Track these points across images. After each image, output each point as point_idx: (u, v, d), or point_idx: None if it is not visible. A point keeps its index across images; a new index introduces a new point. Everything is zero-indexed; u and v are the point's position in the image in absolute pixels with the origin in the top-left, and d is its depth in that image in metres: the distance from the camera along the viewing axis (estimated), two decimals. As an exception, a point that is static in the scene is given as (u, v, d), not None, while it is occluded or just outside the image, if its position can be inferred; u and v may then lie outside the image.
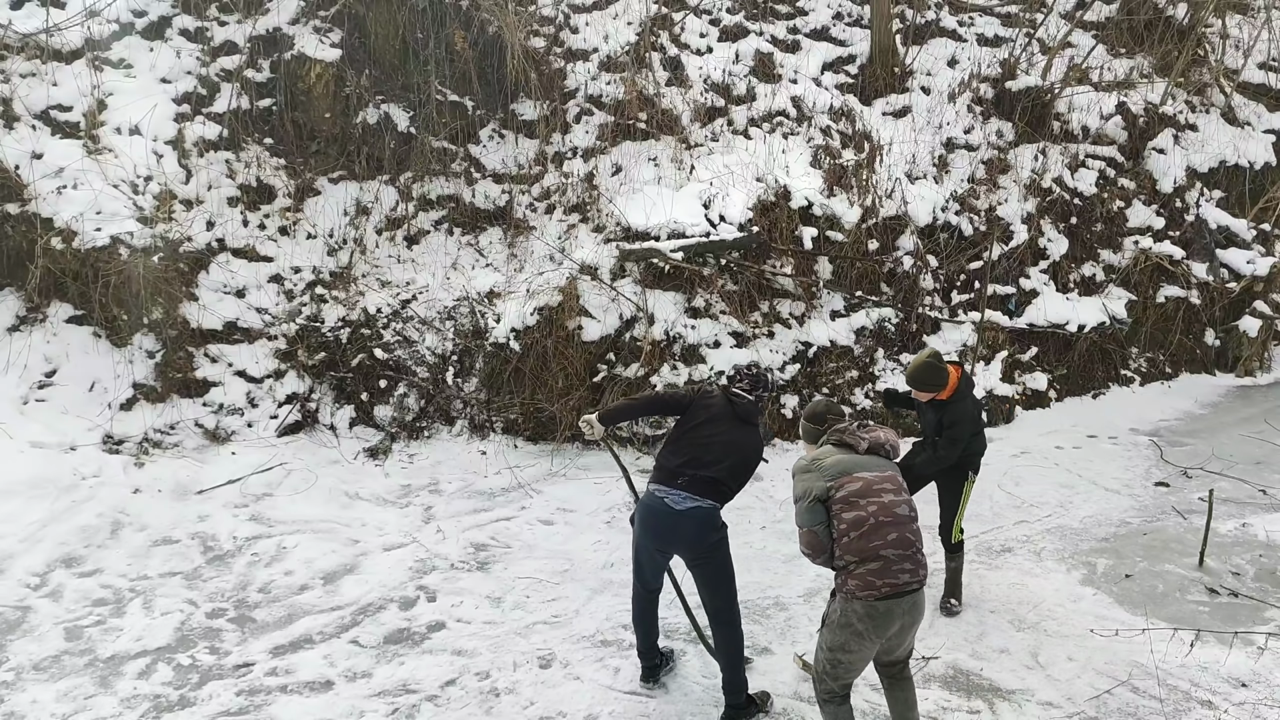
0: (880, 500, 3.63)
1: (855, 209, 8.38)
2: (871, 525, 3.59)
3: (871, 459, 3.76)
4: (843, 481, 3.66)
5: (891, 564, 3.57)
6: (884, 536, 3.58)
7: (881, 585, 3.54)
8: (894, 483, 3.72)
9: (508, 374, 7.55)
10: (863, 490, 3.63)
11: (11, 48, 7.61)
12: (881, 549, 3.57)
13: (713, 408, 4.36)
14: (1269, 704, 4.40)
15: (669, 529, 4.13)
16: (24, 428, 6.38)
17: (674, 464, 4.18)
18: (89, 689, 4.38)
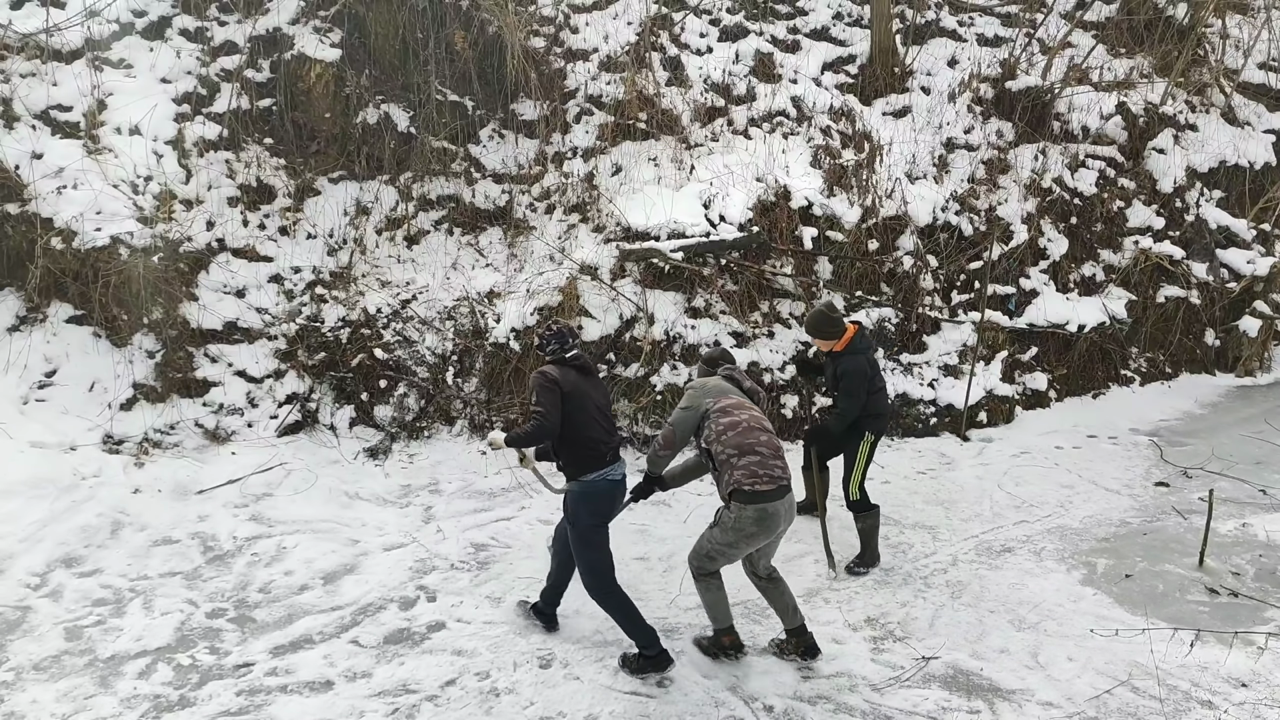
0: (752, 412, 4.49)
1: (855, 209, 8.38)
2: (745, 426, 4.40)
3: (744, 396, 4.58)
4: (720, 398, 4.49)
5: (767, 459, 4.35)
6: (756, 437, 4.39)
7: (763, 475, 4.31)
8: (761, 413, 4.54)
9: (508, 374, 7.55)
10: (736, 404, 4.48)
11: (11, 48, 7.61)
12: (756, 446, 4.36)
13: (576, 384, 4.55)
14: (1269, 704, 4.40)
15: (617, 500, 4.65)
16: (24, 428, 6.37)
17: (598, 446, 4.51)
18: (89, 689, 4.38)
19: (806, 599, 5.37)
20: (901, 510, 6.68)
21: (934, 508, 6.75)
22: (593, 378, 4.70)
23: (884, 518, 6.52)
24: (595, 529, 4.55)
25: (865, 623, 5.12)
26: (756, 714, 4.29)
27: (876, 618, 5.18)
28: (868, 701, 4.40)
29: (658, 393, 7.38)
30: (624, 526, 6.26)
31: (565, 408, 4.44)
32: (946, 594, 5.46)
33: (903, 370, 8.31)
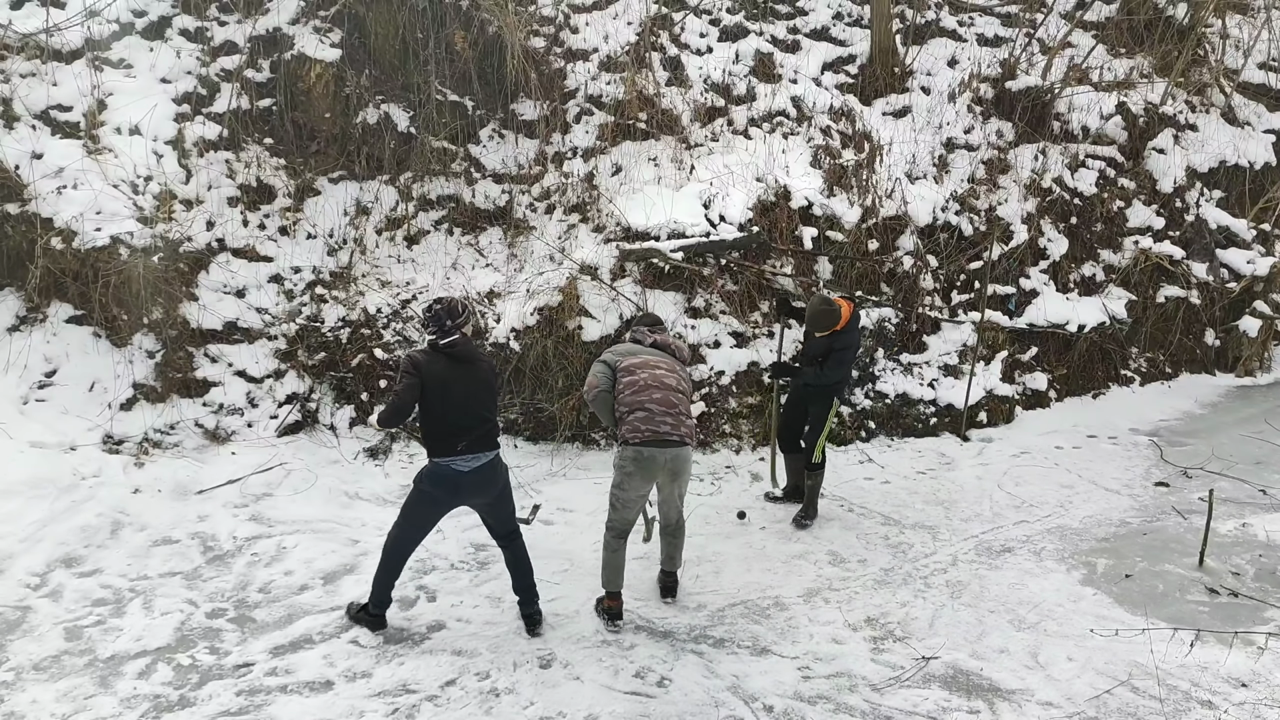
0: (652, 371, 4.90)
1: (855, 209, 8.38)
2: (641, 385, 4.85)
3: (654, 352, 5.05)
4: (627, 359, 4.98)
5: (654, 415, 4.78)
6: (649, 395, 4.83)
7: (645, 430, 4.76)
8: (668, 365, 4.98)
9: (508, 374, 7.55)
10: (639, 365, 4.93)
11: (11, 48, 7.61)
12: (646, 403, 4.81)
13: (441, 373, 4.61)
14: (1269, 704, 4.40)
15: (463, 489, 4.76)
16: (24, 428, 6.37)
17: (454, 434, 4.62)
18: (89, 689, 4.38)
19: (806, 599, 5.38)
20: (901, 510, 6.68)
21: (934, 508, 6.75)
22: (467, 365, 4.67)
23: (884, 518, 6.54)
24: (424, 505, 4.81)
25: (865, 623, 5.12)
26: (756, 714, 4.29)
27: (876, 618, 5.18)
28: (868, 701, 4.40)
29: (658, 393, 7.38)
30: (624, 526, 6.27)
31: (425, 394, 4.59)
32: (946, 594, 5.46)
33: (903, 370, 8.31)
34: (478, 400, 4.68)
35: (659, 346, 5.11)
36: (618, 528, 5.02)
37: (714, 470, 7.27)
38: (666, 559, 5.31)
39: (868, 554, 5.98)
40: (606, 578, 5.04)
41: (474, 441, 4.64)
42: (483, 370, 4.77)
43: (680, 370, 5.06)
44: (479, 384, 4.72)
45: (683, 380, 5.03)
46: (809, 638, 4.95)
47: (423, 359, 4.64)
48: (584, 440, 7.54)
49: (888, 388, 8.14)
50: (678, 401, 4.88)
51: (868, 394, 8.12)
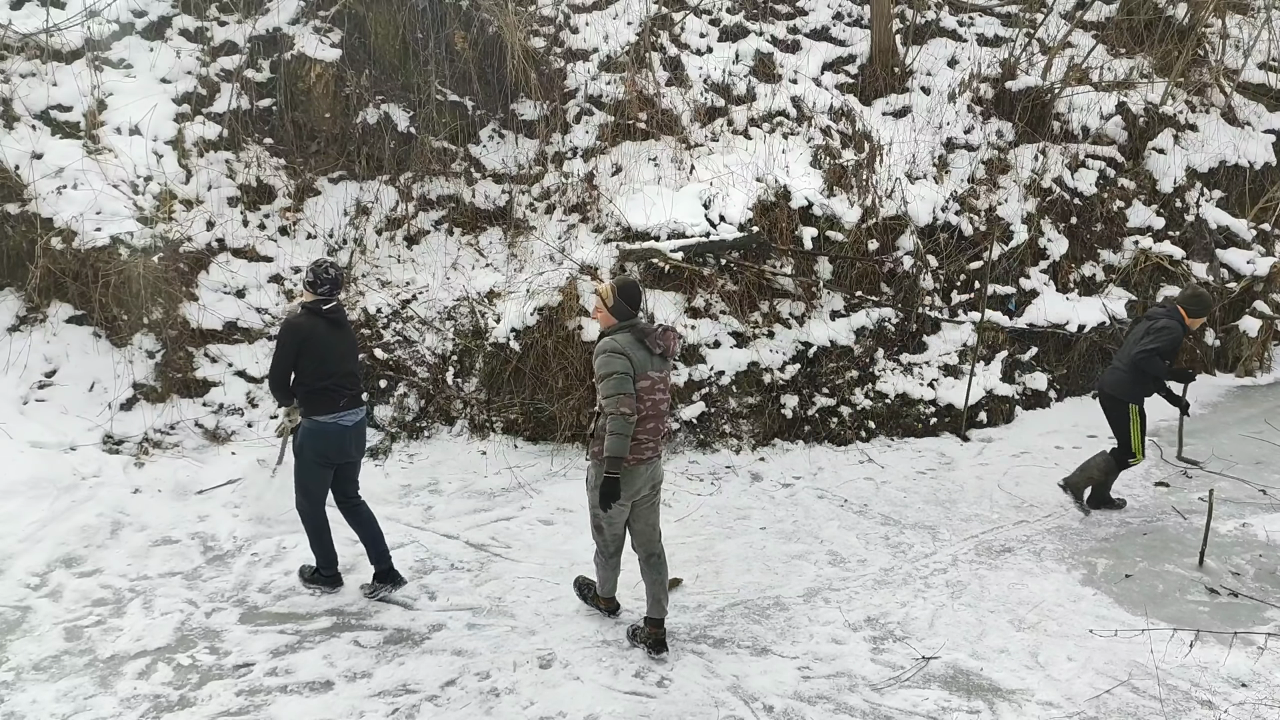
0: (654, 398, 4.47)
1: (855, 209, 8.38)
2: (641, 418, 4.42)
3: (659, 367, 4.51)
4: (640, 377, 4.41)
5: (642, 444, 4.48)
6: (645, 426, 4.45)
7: (630, 459, 4.42)
8: (665, 381, 4.56)
9: (508, 374, 7.56)
10: (647, 389, 4.43)
11: (11, 48, 7.62)
12: (639, 434, 4.44)
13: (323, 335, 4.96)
14: (1269, 704, 4.40)
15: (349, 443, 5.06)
16: (24, 428, 6.37)
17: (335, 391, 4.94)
18: (89, 689, 4.38)
19: (806, 599, 5.37)
20: (901, 510, 6.68)
21: (934, 508, 6.75)
22: (344, 329, 5.09)
23: (884, 518, 6.54)
24: (317, 466, 5.06)
25: (865, 623, 5.12)
26: (756, 714, 4.29)
27: (876, 618, 5.18)
28: (868, 701, 4.40)
29: (658, 393, 7.38)
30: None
31: (307, 355, 4.90)
32: (946, 594, 5.46)
33: (903, 370, 8.30)
34: (352, 360, 5.11)
35: (665, 355, 4.54)
36: (611, 546, 4.79)
37: (714, 470, 7.27)
38: (653, 603, 4.75)
39: (868, 554, 5.98)
40: (601, 585, 5.02)
41: (352, 399, 5.04)
42: (351, 333, 5.22)
43: (669, 374, 4.71)
44: (350, 345, 5.13)
45: (667, 386, 4.63)
46: (809, 638, 4.95)
47: (304, 323, 4.96)
48: (584, 440, 7.53)
49: (888, 388, 8.14)
50: (664, 425, 4.60)
51: (868, 394, 8.11)
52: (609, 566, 4.89)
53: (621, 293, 4.49)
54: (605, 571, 4.92)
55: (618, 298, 4.48)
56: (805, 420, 7.87)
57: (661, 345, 4.45)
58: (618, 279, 4.64)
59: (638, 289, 4.55)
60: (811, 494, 6.91)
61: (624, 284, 4.53)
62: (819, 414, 7.92)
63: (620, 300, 4.49)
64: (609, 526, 4.68)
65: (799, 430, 7.82)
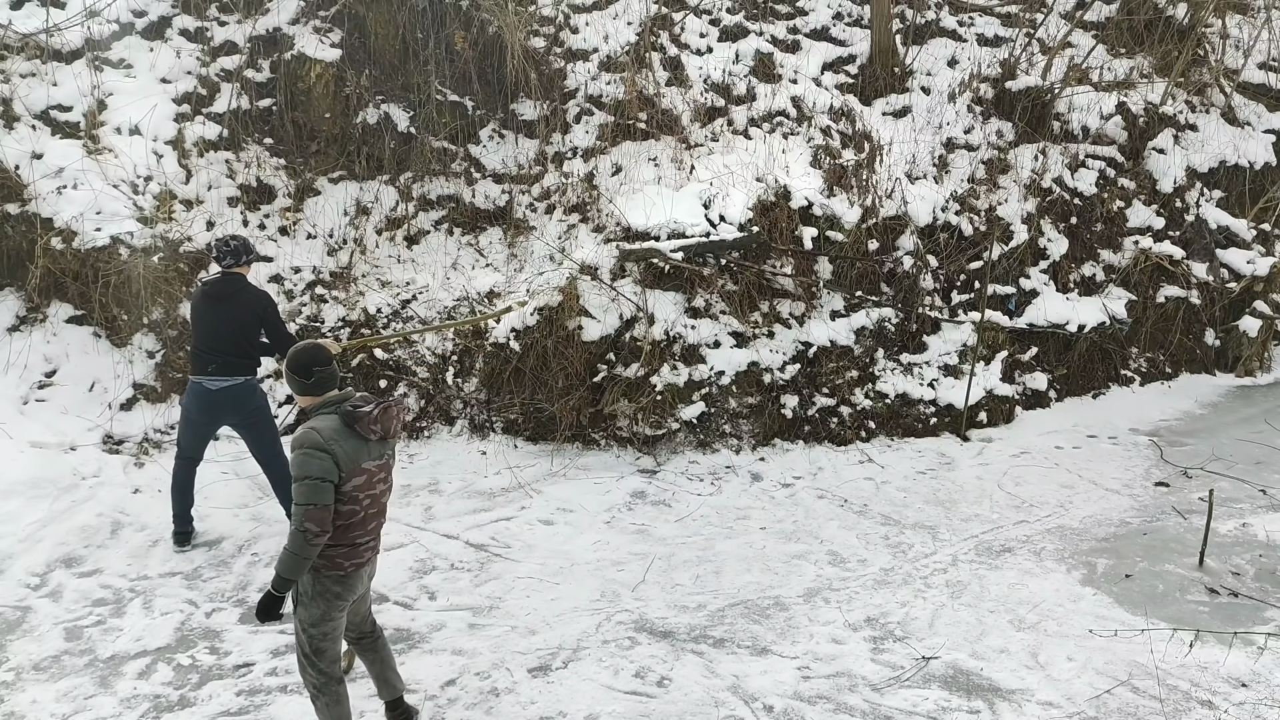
0: (372, 493, 3.68)
1: (855, 209, 8.38)
2: (359, 519, 3.66)
3: (377, 446, 3.68)
4: (352, 474, 3.56)
5: (361, 548, 3.71)
6: (365, 527, 3.70)
7: (348, 565, 3.68)
8: (387, 468, 3.79)
9: (508, 374, 7.56)
10: (363, 485, 3.62)
11: (11, 48, 7.61)
12: (358, 538, 3.68)
13: (196, 303, 5.62)
14: (1269, 704, 4.40)
15: (216, 405, 5.53)
16: (24, 428, 6.38)
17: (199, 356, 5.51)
18: (89, 689, 4.38)
19: (806, 599, 5.37)
20: (901, 510, 6.68)
21: (934, 508, 6.75)
22: (221, 303, 5.51)
23: (884, 518, 6.54)
24: (186, 426, 5.64)
25: (865, 623, 5.12)
26: (756, 714, 4.30)
27: (876, 618, 5.18)
28: (868, 701, 4.41)
29: (658, 393, 7.38)
30: (624, 526, 6.28)
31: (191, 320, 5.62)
32: (946, 594, 5.46)
33: (903, 370, 8.30)
34: (225, 332, 5.47)
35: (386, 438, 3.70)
36: (337, 670, 3.81)
37: (714, 470, 7.27)
38: (381, 683, 4.11)
39: (868, 554, 5.98)
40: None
41: (221, 366, 5.45)
42: (237, 309, 5.52)
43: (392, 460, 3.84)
44: (224, 319, 5.48)
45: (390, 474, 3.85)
46: (809, 638, 4.95)
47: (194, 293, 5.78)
48: (584, 440, 7.54)
49: (888, 388, 8.14)
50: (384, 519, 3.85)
51: (868, 394, 8.11)
52: (339, 697, 3.78)
53: (297, 368, 3.61)
54: (339, 708, 3.78)
55: (294, 375, 3.63)
56: (805, 420, 7.87)
57: (379, 429, 3.61)
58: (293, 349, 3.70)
59: (318, 352, 3.65)
60: (811, 494, 6.91)
61: (298, 354, 3.65)
62: (819, 414, 7.92)
63: (298, 378, 3.63)
64: (332, 644, 3.73)
65: (799, 430, 7.82)
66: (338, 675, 3.80)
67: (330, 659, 3.75)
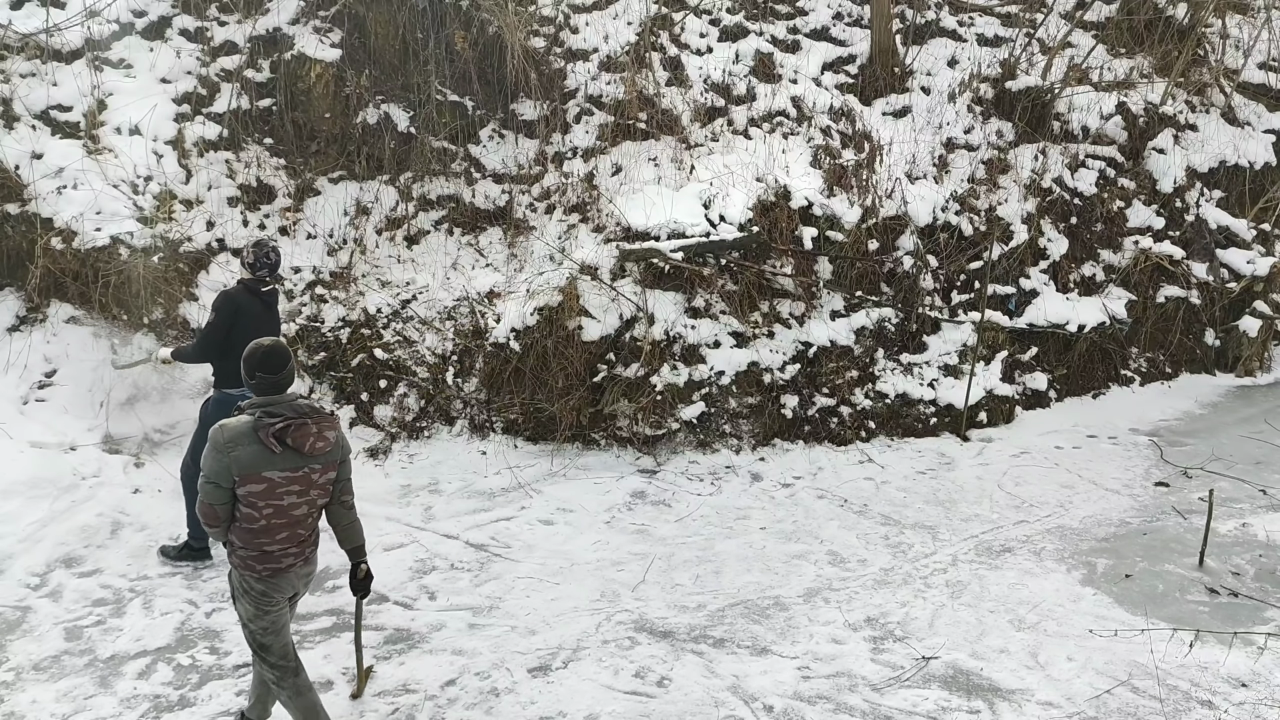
0: (278, 503, 3.58)
1: (855, 209, 8.38)
2: (261, 527, 3.59)
3: (291, 457, 3.55)
4: (247, 479, 3.51)
5: (274, 555, 3.66)
6: (272, 536, 3.62)
7: (260, 569, 3.65)
8: (305, 482, 3.61)
9: (508, 374, 7.55)
10: (265, 493, 3.54)
11: (11, 48, 7.61)
12: (266, 545, 3.63)
13: (253, 311, 5.36)
14: (1269, 704, 4.40)
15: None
16: (24, 428, 6.37)
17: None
18: (89, 689, 4.38)
19: (806, 599, 5.37)
20: (901, 510, 6.68)
21: (934, 508, 6.75)
22: (273, 311, 5.49)
23: (884, 518, 6.55)
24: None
25: (865, 623, 5.12)
26: (756, 714, 4.30)
27: (876, 618, 5.18)
28: (868, 701, 4.41)
29: (658, 393, 7.38)
30: (624, 526, 6.28)
31: (235, 328, 5.24)
32: (946, 594, 5.46)
33: (903, 370, 8.30)
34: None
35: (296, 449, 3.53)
36: (290, 660, 3.81)
37: (714, 470, 7.27)
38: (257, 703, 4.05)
39: (868, 554, 5.99)
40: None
41: None
42: (278, 319, 5.57)
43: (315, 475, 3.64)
44: (275, 329, 5.46)
45: (320, 489, 3.69)
46: (809, 638, 4.95)
47: (240, 297, 5.36)
48: (584, 440, 7.54)
49: (888, 388, 8.14)
50: (306, 532, 3.73)
51: (868, 394, 8.11)
52: (299, 689, 3.80)
53: (245, 364, 3.60)
54: (302, 699, 3.80)
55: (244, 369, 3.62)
56: (805, 420, 7.87)
57: (277, 445, 3.49)
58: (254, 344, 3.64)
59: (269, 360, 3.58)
60: (811, 494, 6.91)
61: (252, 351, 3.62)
62: (819, 414, 7.92)
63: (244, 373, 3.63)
64: (276, 637, 3.75)
65: (799, 430, 7.82)
66: (292, 667, 3.81)
67: (279, 653, 3.77)
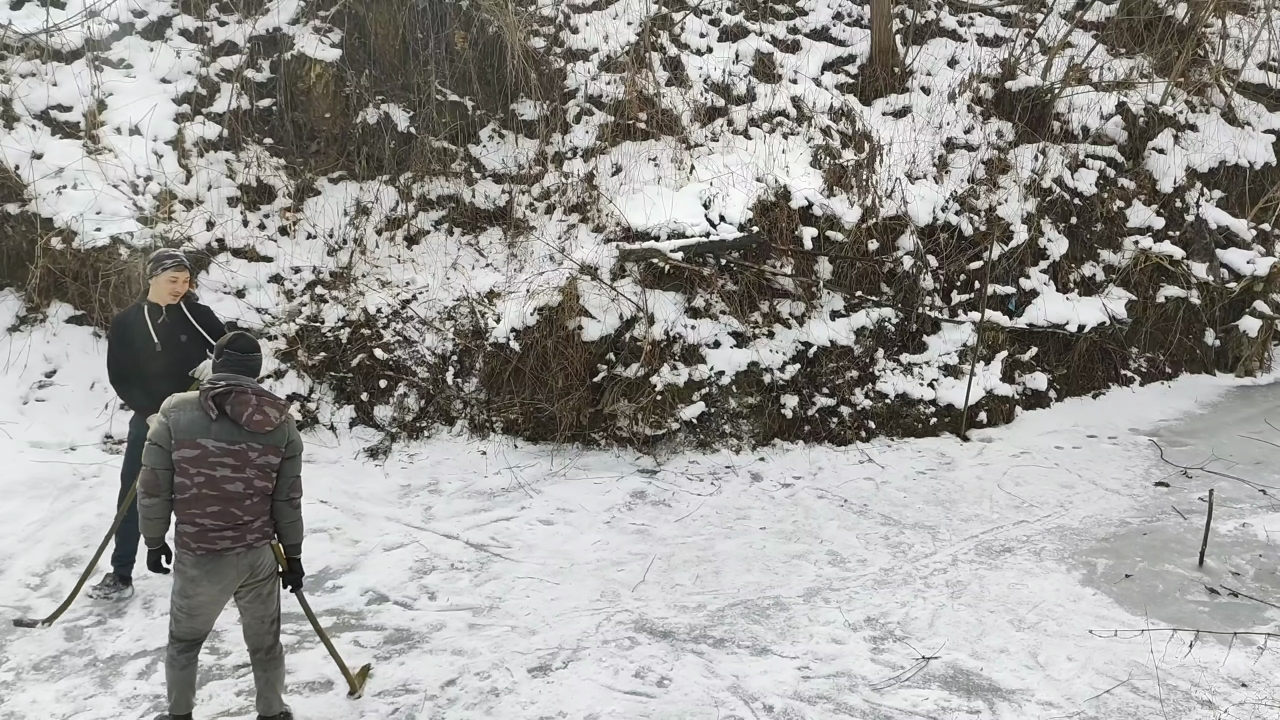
0: (209, 473, 3.64)
1: (855, 209, 8.38)
2: (192, 496, 3.65)
3: (228, 428, 3.65)
4: (182, 444, 3.63)
5: (208, 531, 3.67)
6: (203, 508, 3.65)
7: (195, 547, 3.68)
8: (240, 458, 3.67)
9: (508, 374, 7.55)
10: (197, 459, 3.63)
11: (11, 48, 7.62)
12: (198, 518, 3.65)
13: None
14: (1269, 704, 4.40)
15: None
16: (24, 428, 6.38)
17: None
18: (89, 689, 4.38)
19: (806, 599, 5.37)
20: (901, 510, 6.68)
21: (934, 508, 6.75)
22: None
23: (884, 518, 6.54)
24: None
25: (865, 623, 5.12)
26: (756, 714, 4.29)
27: (876, 618, 5.18)
28: (867, 701, 4.40)
29: (658, 393, 7.38)
30: (624, 526, 6.28)
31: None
32: (946, 594, 5.46)
33: (903, 370, 8.30)
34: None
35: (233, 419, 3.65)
36: (184, 639, 3.87)
37: (714, 470, 7.27)
38: (261, 700, 4.08)
39: (868, 554, 5.98)
40: (174, 699, 3.92)
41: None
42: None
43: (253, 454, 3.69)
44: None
45: (257, 469, 3.71)
46: (809, 638, 4.95)
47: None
48: (584, 440, 7.54)
49: (888, 388, 8.14)
50: (241, 512, 3.71)
51: (868, 394, 8.11)
52: (176, 666, 3.86)
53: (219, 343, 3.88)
54: (173, 673, 3.87)
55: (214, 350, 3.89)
56: (805, 420, 7.87)
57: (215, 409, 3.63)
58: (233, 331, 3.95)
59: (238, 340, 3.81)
60: (811, 494, 6.91)
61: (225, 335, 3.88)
62: (819, 414, 7.92)
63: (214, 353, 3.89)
64: (187, 618, 3.81)
65: (799, 430, 7.82)
66: (184, 647, 3.88)
67: (185, 632, 3.84)
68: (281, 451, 3.76)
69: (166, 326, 4.97)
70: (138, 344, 4.90)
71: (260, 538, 3.82)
